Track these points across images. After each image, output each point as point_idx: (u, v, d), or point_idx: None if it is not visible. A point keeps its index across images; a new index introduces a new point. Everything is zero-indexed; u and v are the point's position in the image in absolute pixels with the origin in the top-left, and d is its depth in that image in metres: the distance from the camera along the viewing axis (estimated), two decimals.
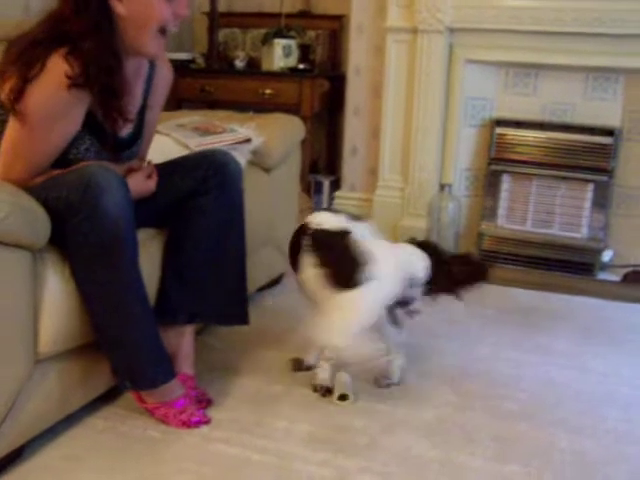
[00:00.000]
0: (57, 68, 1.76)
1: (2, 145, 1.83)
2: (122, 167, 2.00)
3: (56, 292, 1.77)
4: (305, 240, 2.10)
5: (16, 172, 1.82)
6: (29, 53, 1.78)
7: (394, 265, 2.08)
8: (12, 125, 1.80)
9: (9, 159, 1.83)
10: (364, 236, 2.11)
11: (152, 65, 2.08)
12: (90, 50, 1.79)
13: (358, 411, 2.11)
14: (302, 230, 2.15)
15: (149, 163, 2.13)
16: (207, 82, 3.91)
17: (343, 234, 2.08)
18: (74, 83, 1.77)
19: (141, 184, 2.03)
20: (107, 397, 2.08)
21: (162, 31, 1.90)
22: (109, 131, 1.93)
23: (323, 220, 2.13)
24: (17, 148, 1.82)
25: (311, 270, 2.08)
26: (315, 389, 2.20)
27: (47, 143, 1.84)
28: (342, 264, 2.04)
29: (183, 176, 2.13)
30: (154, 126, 2.21)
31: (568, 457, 1.93)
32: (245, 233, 2.21)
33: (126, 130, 2.00)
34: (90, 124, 1.90)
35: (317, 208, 2.22)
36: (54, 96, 1.78)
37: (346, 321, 2.05)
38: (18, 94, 1.76)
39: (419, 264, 2.14)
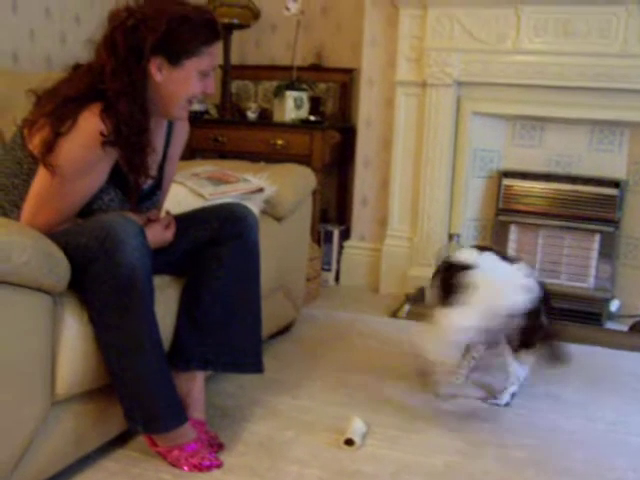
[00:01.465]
0: (90, 125, 1.82)
1: (30, 192, 1.88)
2: (141, 217, 2.04)
3: (74, 335, 1.81)
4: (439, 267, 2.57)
5: (42, 220, 1.87)
6: (62, 107, 1.84)
7: (491, 298, 2.31)
8: (41, 175, 1.86)
9: (36, 207, 1.88)
10: (490, 271, 2.40)
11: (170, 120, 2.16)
12: (124, 110, 1.85)
13: (368, 457, 2.13)
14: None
15: (167, 213, 2.19)
16: (220, 132, 3.98)
17: (464, 266, 2.41)
18: (106, 141, 1.84)
19: (159, 234, 2.07)
20: (120, 440, 2.10)
21: (189, 101, 2.01)
22: (133, 184, 1.99)
23: (461, 254, 2.52)
24: (45, 197, 1.88)
25: (433, 290, 2.52)
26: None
27: (74, 194, 1.90)
28: (445, 287, 2.43)
29: (200, 227, 2.18)
30: (172, 177, 2.26)
31: None
32: (260, 283, 2.25)
33: (147, 182, 2.06)
34: (115, 176, 1.96)
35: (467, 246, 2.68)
36: (86, 152, 1.84)
37: (436, 334, 2.36)
38: (49, 147, 1.81)
39: (519, 298, 2.32)
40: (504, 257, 2.54)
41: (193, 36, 1.92)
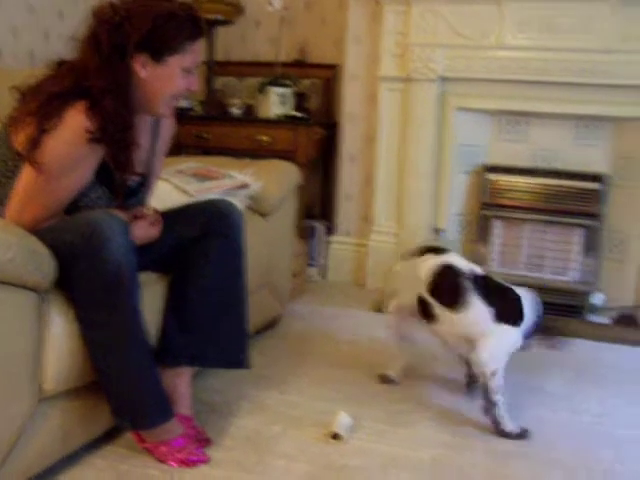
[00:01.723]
0: (76, 122, 1.82)
1: (15, 190, 1.87)
2: (128, 214, 2.03)
3: (60, 333, 1.81)
4: (467, 283, 2.32)
5: (28, 216, 1.86)
6: (46, 105, 1.83)
7: (530, 305, 2.38)
8: (27, 172, 1.85)
9: (21, 204, 1.87)
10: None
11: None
12: (109, 107, 1.85)
13: (355, 450, 2.14)
14: (455, 273, 2.36)
15: (154, 210, 2.18)
16: (204, 129, 3.97)
17: (498, 282, 2.41)
18: (92, 138, 1.83)
19: (145, 231, 2.07)
20: (107, 437, 2.10)
21: (173, 98, 2.01)
22: (119, 181, 1.99)
23: (462, 264, 2.39)
24: (30, 194, 1.86)
25: (480, 308, 2.30)
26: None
27: (60, 191, 1.89)
28: (510, 305, 2.35)
29: (186, 223, 2.18)
30: (158, 174, 2.26)
31: None
32: (246, 279, 2.25)
33: (134, 179, 2.06)
34: (102, 174, 1.95)
35: (433, 249, 2.51)
36: (72, 148, 1.83)
37: (503, 348, 2.31)
38: (34, 143, 1.80)
39: (538, 304, 2.41)
40: None
41: (177, 33, 1.92)
